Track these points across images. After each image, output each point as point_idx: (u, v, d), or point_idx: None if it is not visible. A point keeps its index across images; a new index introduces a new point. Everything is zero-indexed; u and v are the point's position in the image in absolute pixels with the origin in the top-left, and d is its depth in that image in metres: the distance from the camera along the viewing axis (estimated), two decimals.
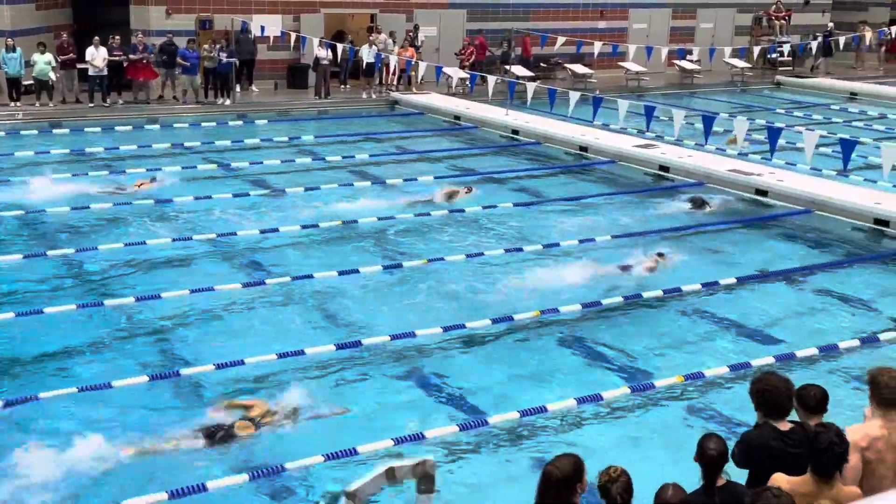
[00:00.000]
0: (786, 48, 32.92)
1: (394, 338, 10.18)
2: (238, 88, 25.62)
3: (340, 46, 25.12)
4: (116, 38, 23.82)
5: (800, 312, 11.70)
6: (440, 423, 8.38)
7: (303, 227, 14.28)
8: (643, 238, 14.15)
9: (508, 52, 28.42)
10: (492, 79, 23.70)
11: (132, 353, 9.86)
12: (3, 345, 9.91)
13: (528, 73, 28.43)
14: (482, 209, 15.65)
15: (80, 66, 23.53)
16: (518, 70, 28.20)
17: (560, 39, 27.96)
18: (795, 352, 10.12)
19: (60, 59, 23.16)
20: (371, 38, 26.59)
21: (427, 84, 27.20)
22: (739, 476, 5.77)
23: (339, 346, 9.93)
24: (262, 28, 24.89)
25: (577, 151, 20.74)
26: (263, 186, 17.07)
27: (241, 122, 23.33)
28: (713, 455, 5.41)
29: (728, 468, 5.53)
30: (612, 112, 21.50)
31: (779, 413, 5.77)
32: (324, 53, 25.49)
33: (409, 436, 8.01)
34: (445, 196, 16.37)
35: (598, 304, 11.43)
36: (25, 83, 23.22)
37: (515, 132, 22.46)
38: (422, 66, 24.91)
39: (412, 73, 26.41)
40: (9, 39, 22.66)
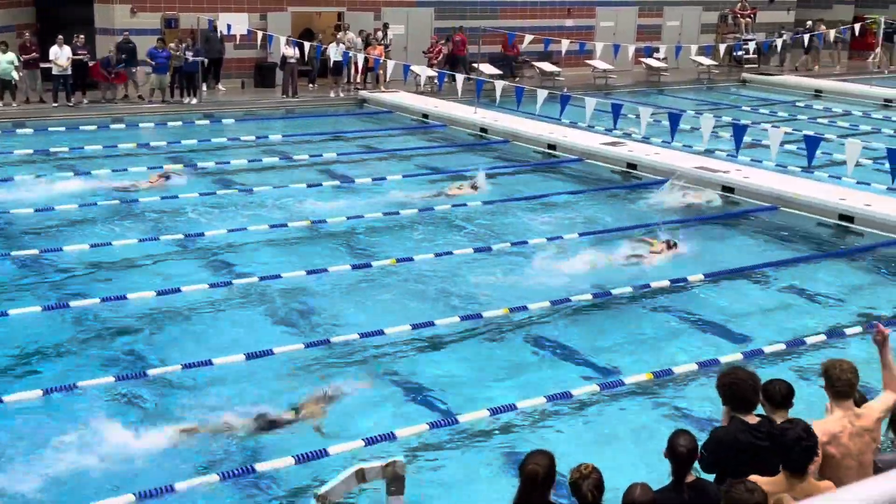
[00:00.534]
0: (751, 46, 33.18)
1: (363, 336, 10.15)
2: (205, 87, 25.44)
3: (308, 45, 25.02)
4: (81, 38, 23.57)
5: (767, 308, 11.78)
6: (410, 422, 8.36)
7: (271, 227, 14.21)
8: (609, 235, 14.22)
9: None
10: (460, 77, 23.68)
11: (97, 357, 9.78)
12: None
13: (497, 72, 28.46)
14: (451, 207, 15.65)
15: (44, 66, 23.27)
16: (486, 68, 28.22)
17: (528, 38, 28.03)
18: (763, 347, 10.21)
19: (23, 59, 22.91)
20: (338, 37, 26.50)
21: (395, 83, 27.16)
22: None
23: (308, 345, 9.89)
24: (229, 26, 24.72)
25: (546, 150, 20.79)
26: (231, 186, 16.95)
27: (208, 122, 23.16)
28: (683, 451, 5.43)
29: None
30: (580, 110, 21.56)
31: (746, 407, 5.81)
32: (291, 52, 25.36)
33: (380, 435, 7.98)
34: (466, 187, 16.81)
35: (567, 301, 11.45)
36: None
37: (484, 130, 22.48)
38: (390, 65, 24.85)
39: (380, 72, 26.34)
40: None
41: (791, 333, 10.71)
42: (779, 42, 33.63)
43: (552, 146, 20.76)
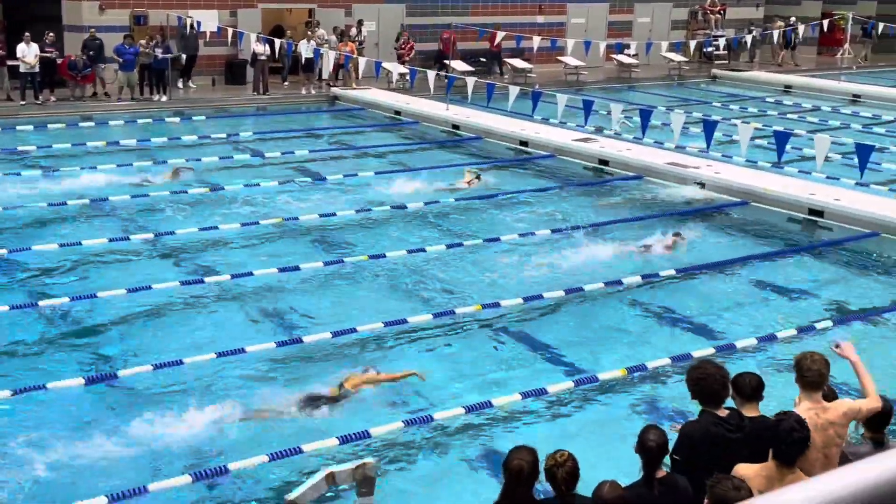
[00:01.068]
0: (721, 42, 33.37)
1: (335, 334, 10.12)
2: (180, 84, 25.27)
3: (278, 41, 24.90)
4: (51, 35, 23.33)
5: (738, 303, 11.86)
6: (384, 421, 8.34)
7: (242, 225, 14.14)
8: (582, 231, 14.25)
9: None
10: (431, 74, 23.65)
11: (69, 359, 9.70)
12: None
13: (468, 68, 28.46)
14: (424, 205, 15.62)
15: (11, 63, 23.00)
16: (457, 65, 28.21)
17: (500, 34, 28.04)
18: (734, 342, 10.27)
19: None
20: (309, 33, 26.38)
21: (367, 79, 27.08)
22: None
23: (280, 344, 9.85)
24: (199, 23, 24.55)
25: (518, 146, 20.81)
26: (203, 184, 16.83)
27: (178, 119, 22.99)
28: (653, 446, 5.46)
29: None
30: (552, 106, 21.59)
31: (715, 401, 5.84)
32: (261, 49, 25.19)
33: (355, 434, 7.95)
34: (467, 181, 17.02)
35: (540, 298, 11.46)
36: None
37: (456, 127, 22.46)
38: (362, 62, 24.78)
39: (350, 68, 26.27)
40: None
41: (762, 328, 10.78)
42: (748, 38, 33.88)
43: (524, 143, 20.79)
